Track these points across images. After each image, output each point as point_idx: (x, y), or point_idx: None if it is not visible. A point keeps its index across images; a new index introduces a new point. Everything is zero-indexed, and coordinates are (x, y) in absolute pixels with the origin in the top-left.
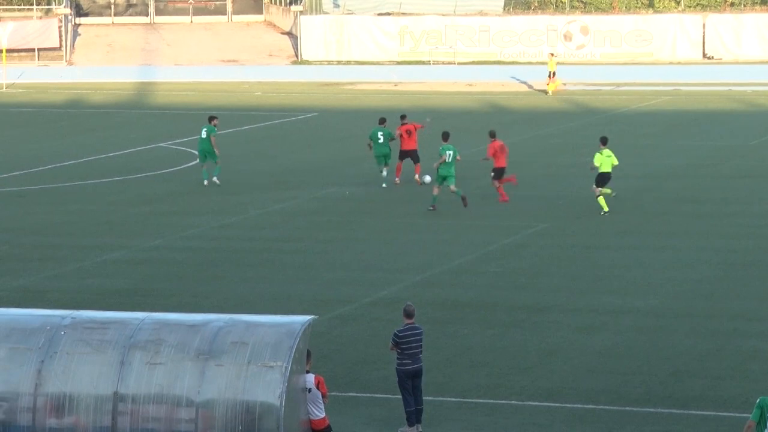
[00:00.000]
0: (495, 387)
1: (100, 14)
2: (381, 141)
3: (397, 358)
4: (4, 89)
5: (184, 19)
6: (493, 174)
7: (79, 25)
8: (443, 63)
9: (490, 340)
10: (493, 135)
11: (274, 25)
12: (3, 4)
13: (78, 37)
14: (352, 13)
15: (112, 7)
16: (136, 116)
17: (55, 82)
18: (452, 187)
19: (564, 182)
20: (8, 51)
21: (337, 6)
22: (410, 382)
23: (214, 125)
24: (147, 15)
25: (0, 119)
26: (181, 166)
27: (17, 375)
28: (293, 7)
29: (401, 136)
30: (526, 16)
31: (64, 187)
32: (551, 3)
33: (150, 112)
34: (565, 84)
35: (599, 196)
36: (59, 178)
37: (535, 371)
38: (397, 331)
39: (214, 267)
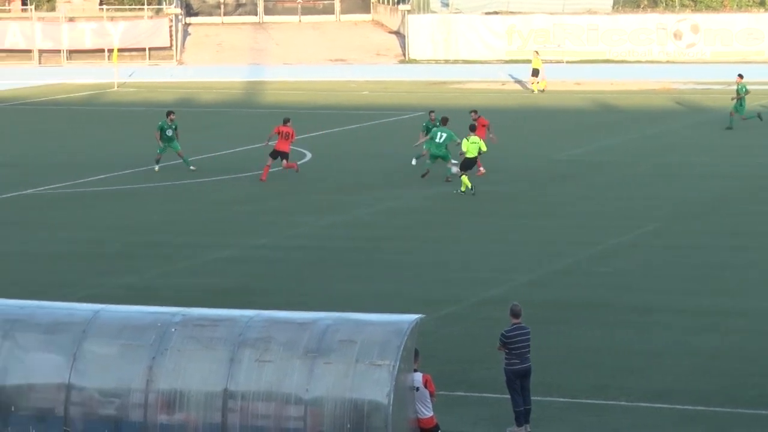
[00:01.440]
0: (604, 387)
1: (210, 14)
2: (439, 141)
3: (505, 358)
4: (116, 88)
5: (293, 18)
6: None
7: (189, 24)
8: (551, 62)
9: (599, 341)
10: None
11: (382, 25)
12: (114, 4)
13: (188, 37)
14: (459, 12)
15: (222, 6)
16: (245, 115)
17: (165, 81)
18: (449, 163)
19: (672, 182)
20: (120, 50)
21: (445, 5)
22: (518, 382)
23: (170, 120)
24: (256, 14)
25: (111, 118)
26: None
27: (129, 372)
28: (401, 7)
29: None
30: (636, 15)
31: (174, 185)
32: (661, 1)
33: (259, 111)
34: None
35: (462, 175)
36: (169, 176)
37: (644, 372)
38: (505, 331)
39: (321, 265)
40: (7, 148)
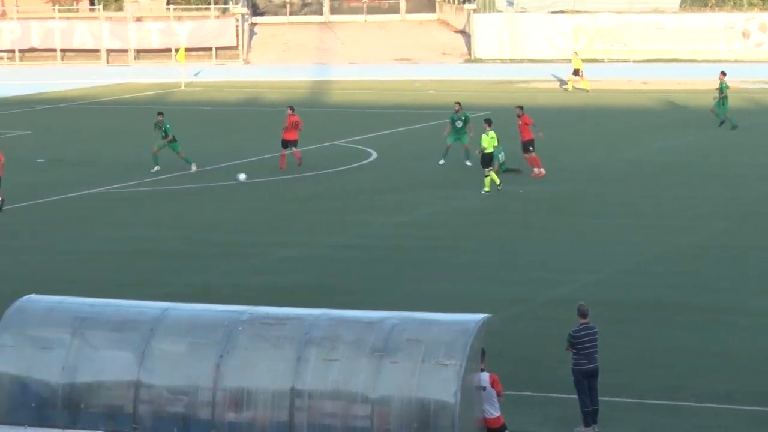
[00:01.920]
0: (672, 388)
1: (276, 13)
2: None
3: (573, 358)
4: (183, 87)
5: (358, 17)
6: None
7: (256, 24)
8: (618, 61)
9: (667, 341)
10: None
11: (447, 24)
12: (181, 4)
13: (254, 36)
14: (525, 11)
15: (288, 6)
16: (311, 114)
17: (231, 80)
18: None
19: (740, 182)
20: (186, 50)
21: (510, 4)
22: (586, 382)
23: (158, 121)
24: (322, 14)
25: (178, 117)
26: (356, 164)
27: (197, 370)
28: (466, 6)
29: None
30: (703, 14)
31: (241, 184)
32: (729, 0)
33: (325, 110)
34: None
35: (487, 176)
36: (233, 174)
37: (714, 373)
38: (572, 331)
39: (388, 265)
40: (76, 148)
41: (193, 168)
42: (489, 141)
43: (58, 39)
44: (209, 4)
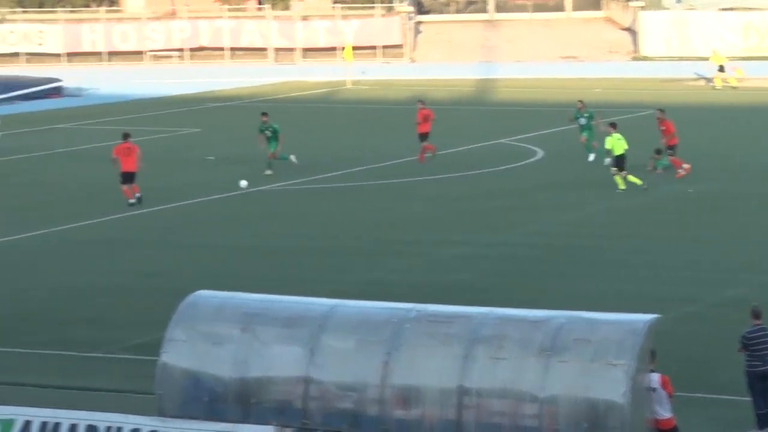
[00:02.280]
0: None
1: (441, 12)
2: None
3: (746, 360)
4: (349, 86)
5: (524, 15)
6: None
7: (421, 22)
8: None
9: None
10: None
11: (613, 21)
12: (348, 3)
13: (419, 35)
14: (693, 9)
15: (453, 4)
16: (477, 113)
17: (397, 78)
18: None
19: None
20: (352, 48)
21: (678, 1)
22: (760, 385)
23: (263, 122)
24: (486, 12)
25: (345, 115)
26: (523, 162)
27: (365, 366)
28: (632, 3)
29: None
30: None
31: (407, 182)
32: None
33: (490, 108)
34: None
35: (616, 175)
36: (401, 173)
37: None
38: (746, 332)
39: (555, 263)
40: (244, 145)
41: (293, 158)
42: (614, 143)
43: (227, 38)
44: (375, 2)
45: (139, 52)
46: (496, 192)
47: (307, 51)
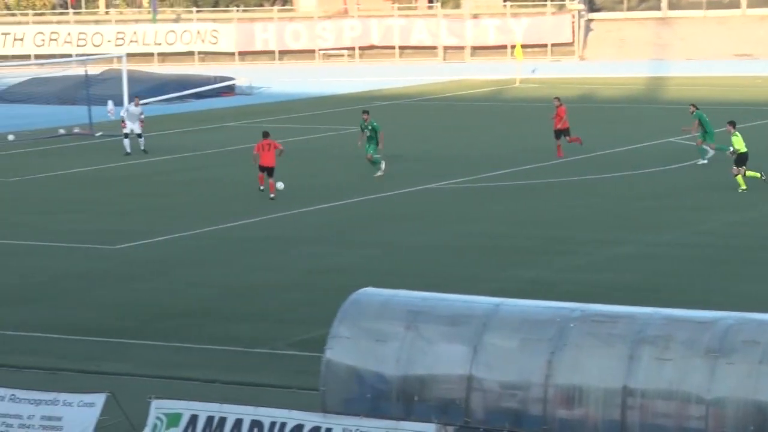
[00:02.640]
0: None
1: (613, 9)
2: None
3: None
4: (517, 84)
5: (697, 13)
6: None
7: (592, 20)
8: None
9: None
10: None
11: None
12: (518, 1)
13: (590, 32)
14: None
15: (625, 1)
16: (647, 111)
17: (566, 77)
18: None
19: None
20: (522, 46)
21: None
22: None
23: (364, 119)
24: (659, 9)
25: (513, 113)
26: (692, 162)
27: (528, 365)
28: None
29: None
30: None
31: (571, 181)
32: None
33: (661, 107)
34: None
35: (737, 175)
36: (567, 172)
37: None
38: None
39: (723, 264)
40: (412, 143)
41: (383, 166)
42: (739, 141)
43: (397, 36)
44: (546, 0)
45: (311, 51)
46: (663, 191)
47: (477, 49)
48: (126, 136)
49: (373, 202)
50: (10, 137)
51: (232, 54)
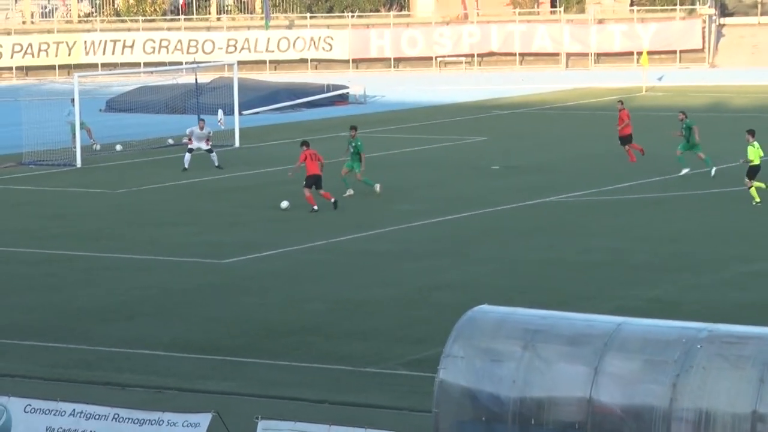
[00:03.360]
0: None
1: (746, 14)
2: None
3: None
4: (644, 92)
5: None
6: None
7: (723, 25)
8: None
9: None
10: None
11: None
12: (646, 5)
13: (721, 38)
14: None
15: (759, 6)
16: None
17: (695, 85)
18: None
19: None
20: (649, 53)
21: None
22: None
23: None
24: None
25: (638, 123)
26: None
27: (652, 388)
28: None
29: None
30: None
31: (695, 195)
32: None
33: None
34: None
35: (751, 187)
36: (691, 185)
37: None
38: None
39: None
40: (531, 154)
41: (377, 188)
42: (755, 152)
43: (518, 43)
44: (675, 5)
45: (428, 58)
46: None
47: (601, 56)
48: (190, 151)
49: (490, 215)
50: (118, 147)
51: (346, 61)
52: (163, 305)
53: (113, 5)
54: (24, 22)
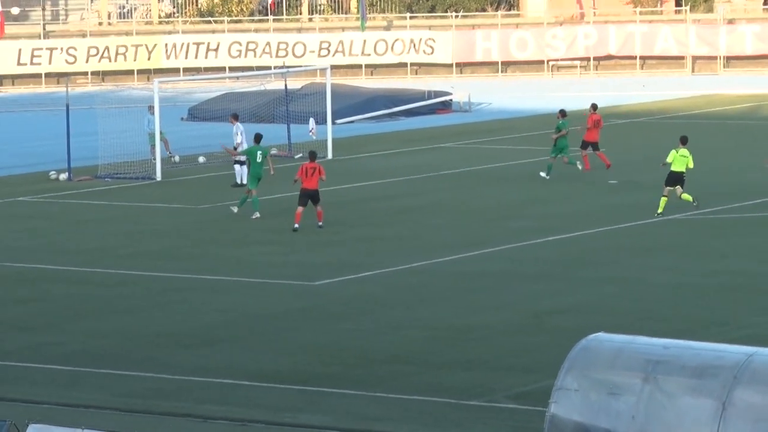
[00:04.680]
0: None
1: None
2: None
3: None
4: None
5: None
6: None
7: None
8: None
9: None
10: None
11: None
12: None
13: None
14: None
15: None
16: None
17: None
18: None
19: None
20: None
21: None
22: None
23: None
24: None
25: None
26: None
27: None
28: None
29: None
30: None
31: None
32: None
33: None
34: None
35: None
36: None
37: None
38: None
39: None
40: (652, 169)
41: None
42: (676, 157)
43: (639, 45)
44: None
45: (539, 62)
46: None
47: (731, 59)
48: (241, 163)
49: (608, 234)
50: (201, 159)
51: (450, 65)
52: (247, 330)
53: (196, 5)
54: (100, 24)
